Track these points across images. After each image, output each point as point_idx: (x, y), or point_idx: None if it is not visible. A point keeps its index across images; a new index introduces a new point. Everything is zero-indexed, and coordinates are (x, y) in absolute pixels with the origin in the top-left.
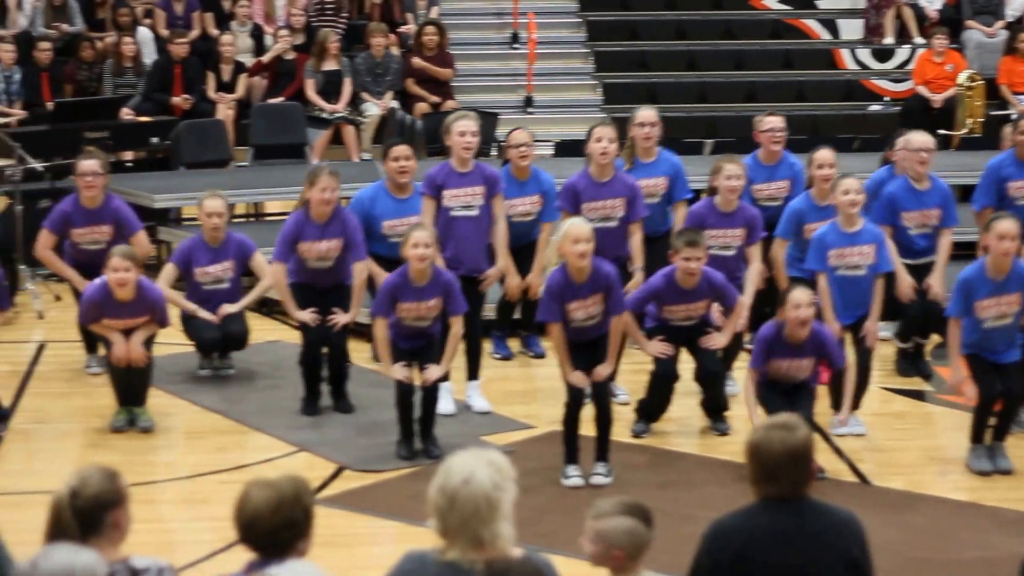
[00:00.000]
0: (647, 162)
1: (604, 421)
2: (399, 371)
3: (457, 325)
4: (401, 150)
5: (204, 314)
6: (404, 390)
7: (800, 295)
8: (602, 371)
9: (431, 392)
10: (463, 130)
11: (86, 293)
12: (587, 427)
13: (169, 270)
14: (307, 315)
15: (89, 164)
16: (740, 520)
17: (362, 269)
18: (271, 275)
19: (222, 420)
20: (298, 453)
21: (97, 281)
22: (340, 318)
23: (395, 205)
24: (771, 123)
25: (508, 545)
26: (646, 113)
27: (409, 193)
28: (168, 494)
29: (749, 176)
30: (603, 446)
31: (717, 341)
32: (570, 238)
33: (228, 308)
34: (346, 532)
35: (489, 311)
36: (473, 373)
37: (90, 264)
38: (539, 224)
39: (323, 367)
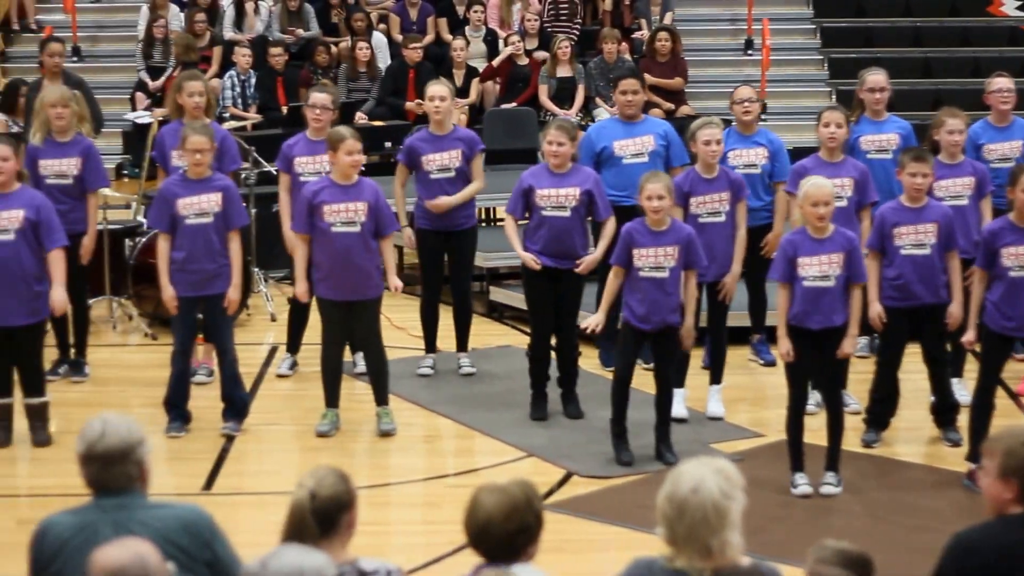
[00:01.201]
0: (877, 120)
1: (835, 429)
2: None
3: (692, 280)
4: (629, 83)
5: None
6: (622, 379)
7: None
8: (847, 347)
9: (665, 396)
10: (707, 138)
11: (302, 194)
12: (818, 436)
13: (398, 170)
14: (529, 257)
15: (321, 97)
16: (985, 534)
17: (611, 223)
18: (506, 223)
19: (452, 424)
20: (527, 458)
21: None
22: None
23: (624, 128)
24: (999, 84)
25: (736, 554)
26: (875, 78)
27: (638, 120)
28: (398, 497)
29: (981, 138)
30: (833, 455)
31: (954, 314)
32: (809, 199)
33: (445, 200)
34: (573, 538)
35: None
36: (716, 377)
37: None
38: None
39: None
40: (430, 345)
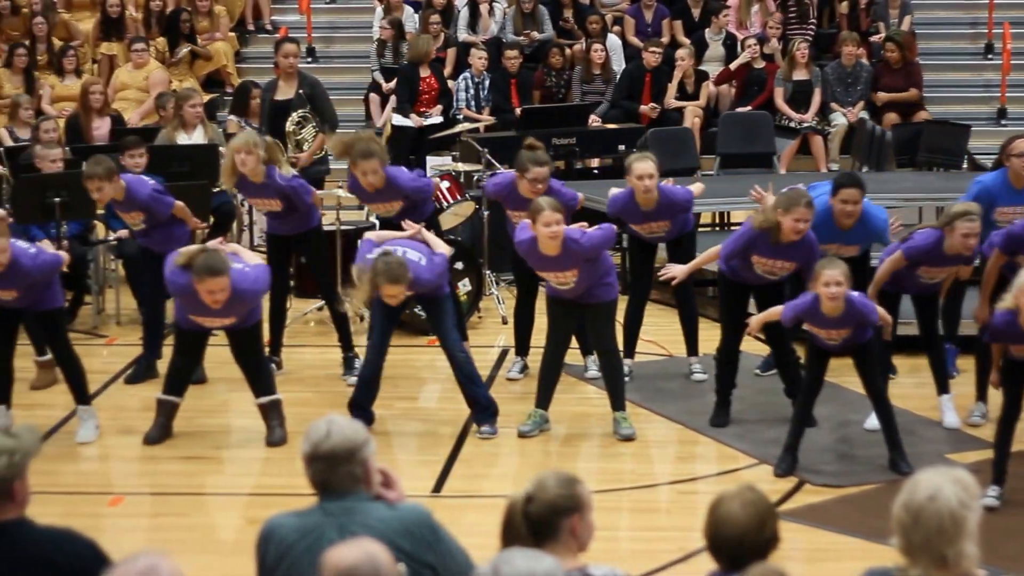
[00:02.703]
0: None
1: None
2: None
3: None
4: (849, 193)
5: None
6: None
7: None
8: None
9: (882, 408)
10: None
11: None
12: None
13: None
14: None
15: (542, 172)
16: None
17: None
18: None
19: (683, 430)
20: (759, 465)
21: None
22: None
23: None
24: None
25: (972, 566)
26: None
27: (847, 228)
28: (628, 503)
29: None
30: None
31: None
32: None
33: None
34: (804, 547)
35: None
36: (943, 387)
37: None
38: None
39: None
40: (629, 350)
